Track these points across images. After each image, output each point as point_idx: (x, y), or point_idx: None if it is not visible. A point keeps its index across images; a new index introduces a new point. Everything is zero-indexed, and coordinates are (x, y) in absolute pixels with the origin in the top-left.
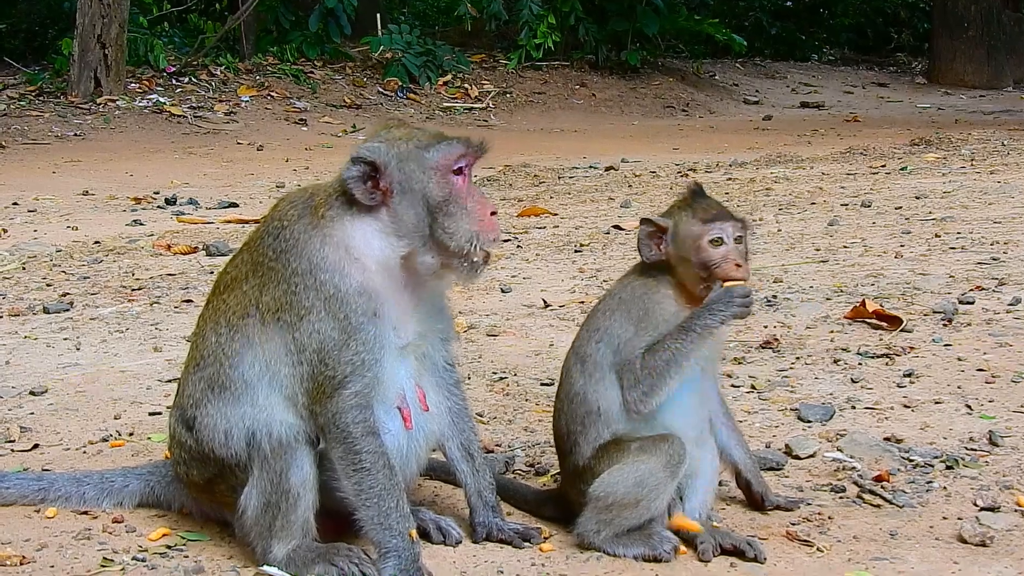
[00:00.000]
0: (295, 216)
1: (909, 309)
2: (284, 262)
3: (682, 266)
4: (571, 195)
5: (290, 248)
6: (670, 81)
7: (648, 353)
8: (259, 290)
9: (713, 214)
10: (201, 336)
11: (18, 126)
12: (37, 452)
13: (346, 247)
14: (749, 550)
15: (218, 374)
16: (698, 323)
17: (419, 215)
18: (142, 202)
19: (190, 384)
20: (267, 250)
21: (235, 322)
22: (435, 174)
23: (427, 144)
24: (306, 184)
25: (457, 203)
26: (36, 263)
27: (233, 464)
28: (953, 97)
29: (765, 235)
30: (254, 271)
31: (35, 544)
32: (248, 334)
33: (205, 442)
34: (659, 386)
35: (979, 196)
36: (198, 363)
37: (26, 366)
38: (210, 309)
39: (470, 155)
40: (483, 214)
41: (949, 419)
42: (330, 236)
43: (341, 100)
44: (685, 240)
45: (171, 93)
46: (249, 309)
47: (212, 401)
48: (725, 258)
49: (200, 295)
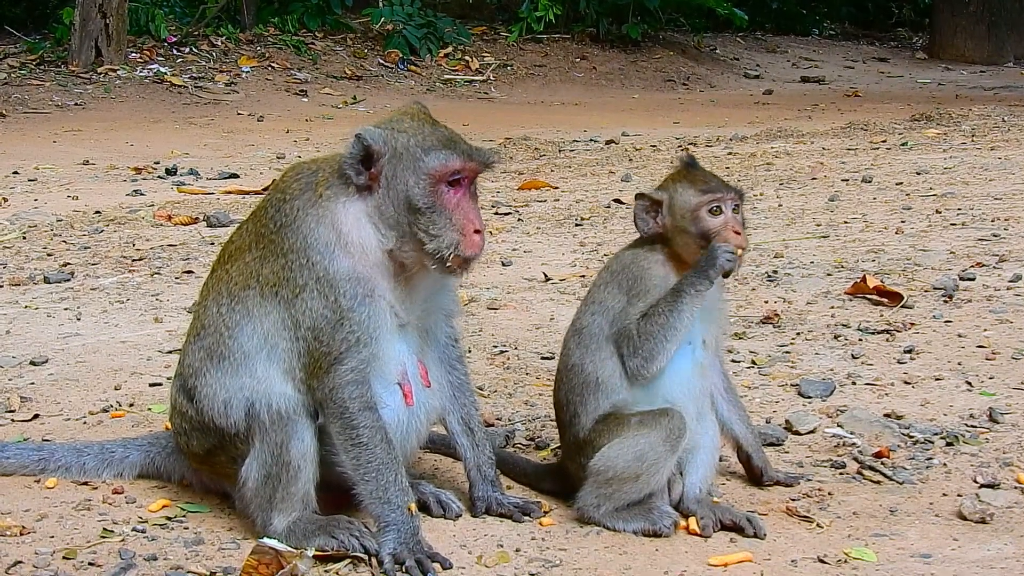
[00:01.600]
0: (297, 191)
1: (910, 285)
2: (282, 236)
3: (680, 237)
4: (572, 168)
5: (289, 223)
6: (671, 55)
7: (643, 319)
8: (260, 262)
9: (711, 184)
10: (203, 306)
11: (19, 95)
12: (37, 422)
13: (338, 230)
14: (749, 527)
15: (218, 344)
16: (687, 283)
17: (399, 212)
18: (142, 172)
19: (190, 353)
20: (269, 222)
21: (236, 293)
22: (424, 179)
23: (428, 147)
24: (306, 156)
25: (440, 213)
26: (37, 232)
27: (232, 434)
28: (954, 72)
29: (766, 210)
30: (256, 242)
31: (35, 514)
32: (248, 306)
33: (205, 412)
34: (658, 350)
35: (980, 172)
36: (199, 332)
37: (27, 336)
38: (213, 279)
39: (469, 169)
40: (467, 229)
41: (949, 395)
42: (324, 216)
43: (342, 71)
44: (683, 211)
45: (172, 63)
46: (250, 281)
47: (211, 371)
48: (724, 226)
49: (201, 266)
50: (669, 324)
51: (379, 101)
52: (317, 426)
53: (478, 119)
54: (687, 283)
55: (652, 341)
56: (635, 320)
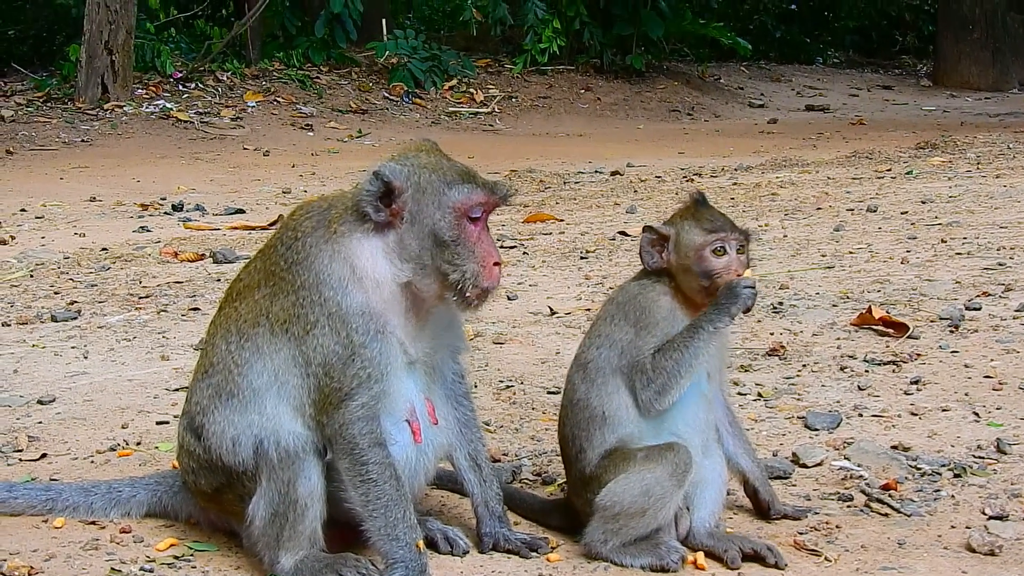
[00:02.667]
0: (309, 228)
1: (916, 315)
2: (294, 273)
3: (683, 274)
4: (577, 200)
5: (301, 260)
6: (675, 85)
7: (658, 353)
8: (270, 300)
9: (716, 224)
10: (211, 344)
11: (26, 132)
12: (45, 461)
13: (352, 265)
14: (770, 555)
15: (226, 381)
16: (707, 320)
17: (423, 246)
18: (149, 208)
19: (198, 391)
20: (280, 259)
21: (246, 330)
22: (450, 213)
23: (450, 181)
24: (312, 190)
25: (464, 245)
26: (44, 270)
27: (240, 472)
28: (958, 99)
29: (771, 241)
30: (266, 280)
31: (43, 554)
32: (258, 343)
33: (213, 450)
34: (671, 385)
35: (985, 200)
36: (206, 370)
37: (34, 375)
38: (222, 316)
39: (491, 203)
40: (487, 262)
41: (957, 427)
42: (338, 252)
43: (347, 105)
44: (687, 249)
45: (178, 99)
46: (260, 318)
47: (220, 408)
48: (727, 268)
49: (207, 303)
50: (684, 360)
51: (384, 134)
52: (325, 463)
53: (483, 151)
54: (706, 319)
55: (666, 375)
56: (649, 354)
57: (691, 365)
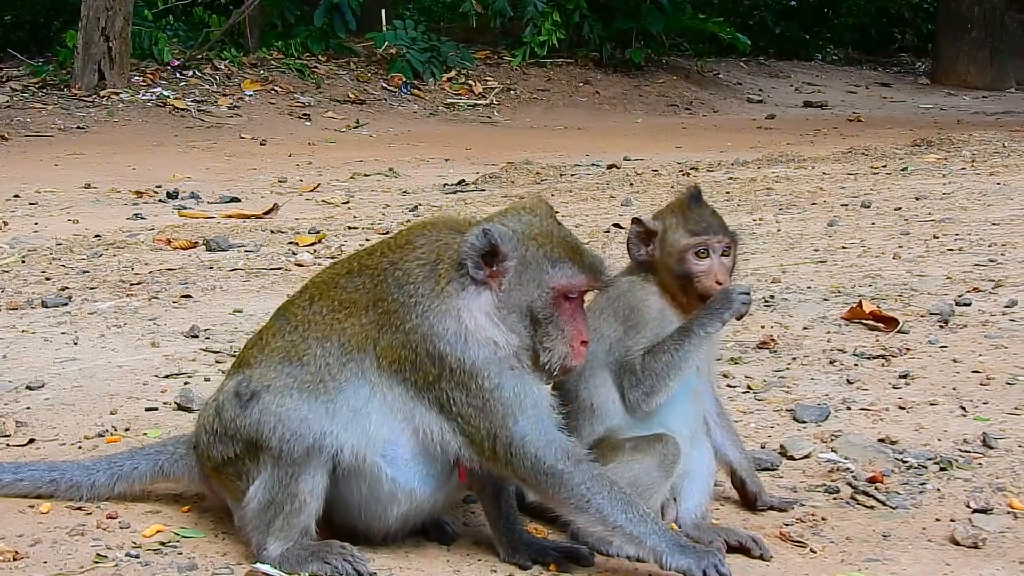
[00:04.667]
0: (420, 277)
1: (906, 310)
2: (405, 315)
3: (665, 271)
4: (573, 193)
5: (412, 306)
6: (674, 79)
7: (648, 355)
8: (378, 330)
9: (701, 227)
10: (301, 338)
11: (21, 118)
12: (33, 447)
13: (464, 325)
14: (755, 547)
15: (316, 385)
16: (698, 324)
17: (519, 317)
18: (144, 196)
19: (271, 369)
20: (389, 293)
21: (349, 350)
22: (549, 292)
23: (555, 260)
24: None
25: (556, 324)
26: (36, 256)
27: (264, 450)
28: (956, 98)
29: (765, 235)
30: (374, 305)
31: (28, 540)
32: (363, 368)
33: (254, 421)
34: (660, 387)
35: (979, 198)
36: (292, 361)
37: (23, 360)
38: (316, 315)
39: (592, 286)
40: (575, 341)
41: (944, 421)
42: (449, 312)
43: (345, 95)
44: (671, 248)
45: (175, 87)
46: (366, 344)
47: (295, 398)
48: (707, 272)
49: (199, 290)
50: (673, 363)
51: (382, 125)
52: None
53: (481, 143)
54: (697, 323)
55: (654, 377)
56: (639, 355)
57: (680, 369)
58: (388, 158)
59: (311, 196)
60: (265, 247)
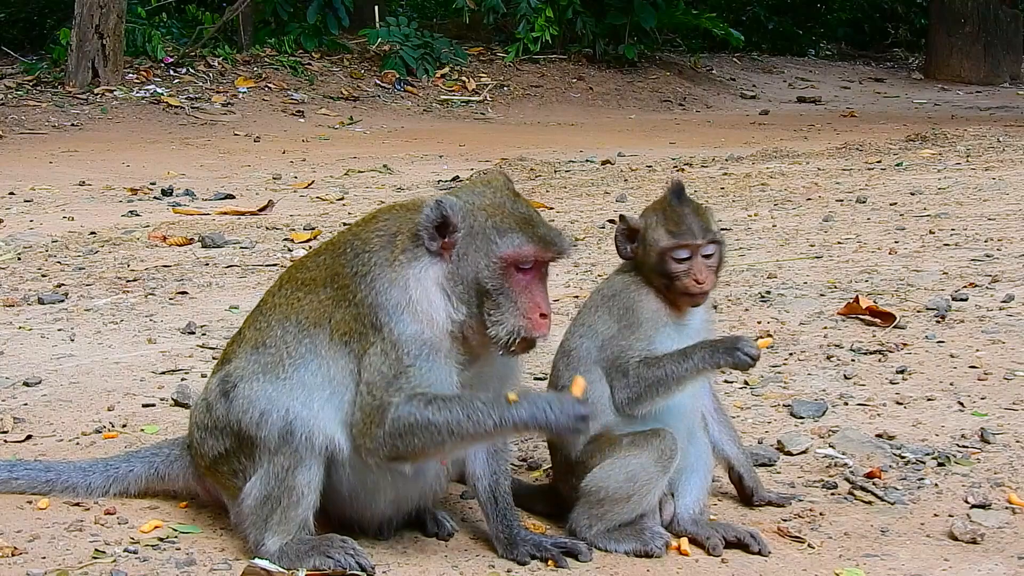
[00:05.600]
0: (377, 246)
1: (902, 306)
2: (356, 285)
3: (648, 269)
4: (567, 189)
5: (364, 275)
6: (667, 75)
7: (644, 364)
8: (333, 305)
9: (682, 228)
10: (266, 322)
11: (15, 116)
12: (30, 443)
13: (409, 296)
14: (754, 543)
15: (276, 366)
16: (699, 356)
17: (467, 289)
18: (138, 193)
19: (243, 358)
20: (347, 266)
21: (306, 327)
22: (496, 262)
23: (503, 230)
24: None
25: (508, 296)
26: (32, 253)
27: (250, 442)
28: (950, 93)
29: (760, 231)
30: (332, 281)
31: (27, 535)
32: (316, 344)
33: (236, 412)
34: (647, 397)
35: (974, 192)
36: (257, 347)
37: (20, 357)
38: (281, 297)
39: (544, 257)
40: (533, 314)
41: (941, 416)
42: (397, 280)
43: (338, 92)
44: (652, 247)
45: (168, 84)
46: (322, 320)
47: (261, 381)
48: (687, 272)
49: (195, 287)
50: (665, 382)
51: (376, 122)
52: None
53: (474, 140)
54: (699, 356)
55: (644, 388)
56: (634, 361)
57: (670, 389)
58: (382, 155)
59: (305, 193)
60: (260, 243)
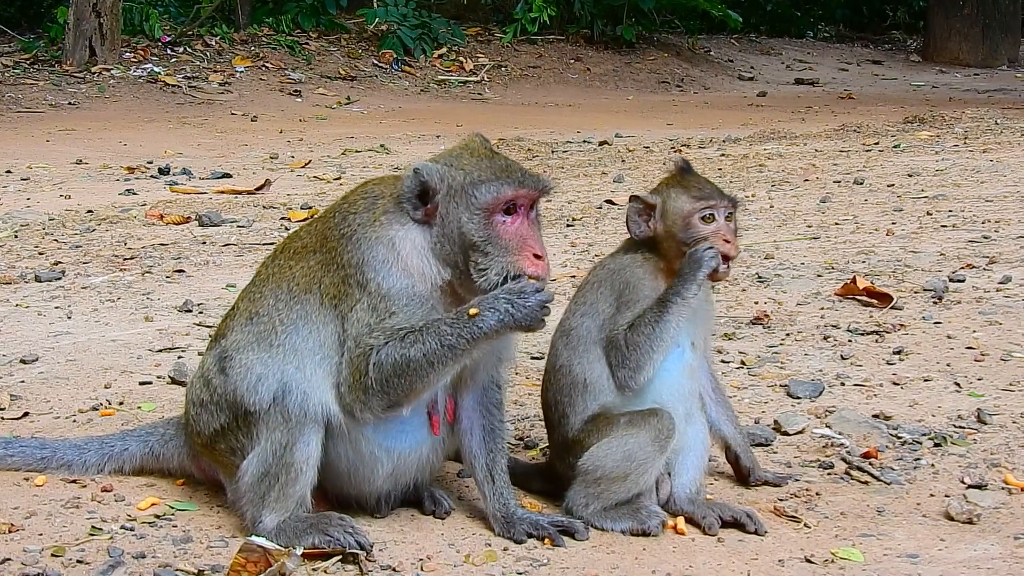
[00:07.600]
0: (361, 207)
1: (900, 287)
2: (343, 247)
3: (669, 242)
4: (564, 169)
5: (349, 235)
6: (665, 56)
7: (630, 329)
8: (323, 269)
9: (705, 192)
10: (259, 293)
11: (12, 94)
12: (27, 420)
13: (397, 251)
14: (750, 523)
15: (268, 333)
16: (674, 292)
17: (454, 249)
18: (135, 171)
19: (237, 331)
20: (334, 230)
21: (297, 293)
22: (479, 214)
23: (479, 180)
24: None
25: (496, 243)
26: (28, 231)
27: (247, 414)
28: (948, 75)
29: (757, 211)
30: (321, 246)
31: (24, 512)
32: (307, 309)
33: (233, 382)
34: (645, 360)
35: (971, 174)
36: (251, 317)
37: (17, 334)
38: (275, 267)
39: (524, 196)
40: (525, 252)
41: (938, 397)
42: (382, 237)
43: (336, 72)
44: (675, 216)
45: (166, 63)
46: (312, 286)
47: (256, 350)
48: (715, 234)
49: (192, 265)
50: (655, 334)
51: (373, 101)
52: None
53: (472, 120)
54: (672, 291)
55: (639, 352)
56: (622, 330)
57: (663, 339)
58: (379, 134)
59: (303, 172)
60: (258, 222)
